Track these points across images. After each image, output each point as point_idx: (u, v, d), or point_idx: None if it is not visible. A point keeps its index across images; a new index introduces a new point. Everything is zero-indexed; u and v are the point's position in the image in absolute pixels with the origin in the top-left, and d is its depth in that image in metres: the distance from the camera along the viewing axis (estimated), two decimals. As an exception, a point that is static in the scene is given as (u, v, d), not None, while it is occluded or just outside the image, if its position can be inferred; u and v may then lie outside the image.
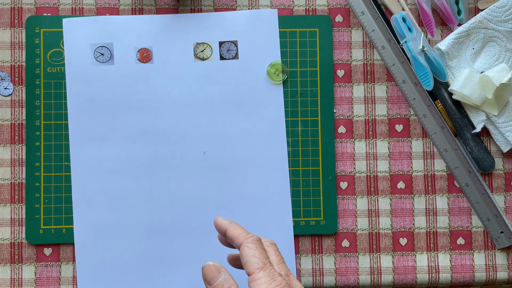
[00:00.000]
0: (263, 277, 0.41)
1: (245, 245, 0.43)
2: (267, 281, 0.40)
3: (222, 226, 0.46)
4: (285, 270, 0.43)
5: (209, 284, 0.42)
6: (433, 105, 0.59)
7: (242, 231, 0.44)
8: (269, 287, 0.40)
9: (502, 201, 0.60)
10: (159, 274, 0.57)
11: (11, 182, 0.58)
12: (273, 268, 0.41)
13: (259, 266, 0.41)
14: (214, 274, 0.42)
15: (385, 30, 0.59)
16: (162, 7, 0.60)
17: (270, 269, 0.41)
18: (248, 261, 0.42)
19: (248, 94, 0.59)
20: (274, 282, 0.40)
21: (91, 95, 0.58)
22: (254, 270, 0.41)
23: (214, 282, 0.42)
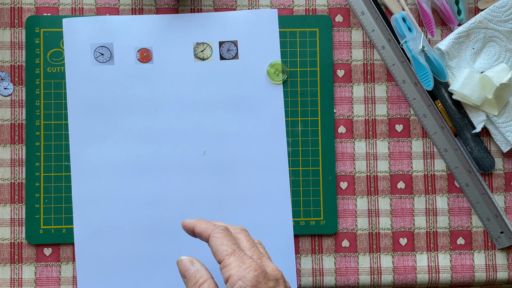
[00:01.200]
0: (233, 261, 0.41)
1: (213, 236, 0.43)
2: (237, 265, 0.41)
3: (189, 226, 0.47)
4: (257, 253, 0.44)
5: (184, 277, 0.44)
6: (433, 105, 0.59)
7: (208, 225, 0.45)
8: (240, 270, 0.40)
9: (502, 201, 0.60)
10: (159, 274, 0.57)
11: (11, 182, 0.58)
12: (242, 252, 0.42)
13: (228, 253, 0.42)
14: (187, 267, 0.44)
15: (385, 30, 0.59)
16: (162, 7, 0.60)
17: (239, 253, 0.42)
18: (217, 250, 0.42)
19: (248, 94, 0.59)
20: (244, 265, 0.41)
21: (91, 95, 0.58)
22: (223, 257, 0.42)
23: (188, 274, 0.43)
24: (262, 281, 0.41)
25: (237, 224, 0.58)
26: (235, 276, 0.40)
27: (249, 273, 0.40)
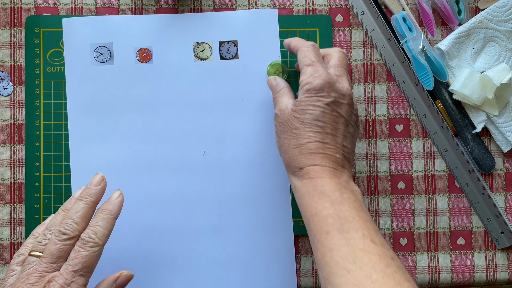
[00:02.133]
0: (309, 70, 0.47)
1: (300, 49, 0.50)
2: (310, 74, 0.47)
3: (286, 42, 0.54)
4: (339, 71, 0.49)
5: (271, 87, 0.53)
6: (434, 105, 0.59)
7: (300, 41, 0.51)
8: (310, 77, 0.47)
9: (502, 201, 0.60)
10: (159, 274, 0.57)
11: (10, 182, 0.58)
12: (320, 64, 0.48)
13: (307, 63, 0.48)
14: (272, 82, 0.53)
15: (385, 30, 0.59)
16: (162, 7, 0.60)
17: (317, 64, 0.48)
18: (300, 61, 0.49)
19: (248, 94, 0.59)
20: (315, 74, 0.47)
21: (91, 95, 0.58)
22: (302, 66, 0.48)
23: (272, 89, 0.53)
24: (326, 89, 0.46)
25: (237, 224, 0.58)
26: (304, 81, 0.47)
27: (316, 79, 0.46)
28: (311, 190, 0.44)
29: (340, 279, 0.38)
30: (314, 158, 0.45)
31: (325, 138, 0.46)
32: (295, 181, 0.46)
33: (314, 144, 0.45)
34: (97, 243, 0.43)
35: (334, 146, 0.46)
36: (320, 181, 0.44)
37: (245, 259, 0.57)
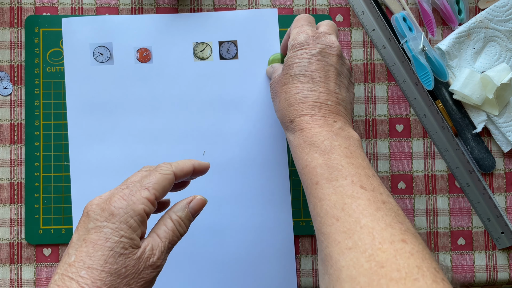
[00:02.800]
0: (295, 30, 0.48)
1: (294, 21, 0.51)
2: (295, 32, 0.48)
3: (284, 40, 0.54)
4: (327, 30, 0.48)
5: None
6: (434, 105, 0.59)
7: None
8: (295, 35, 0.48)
9: (502, 201, 0.60)
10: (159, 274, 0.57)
11: (10, 182, 0.58)
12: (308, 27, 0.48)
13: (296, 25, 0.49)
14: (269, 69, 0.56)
15: (385, 30, 0.59)
16: (162, 7, 0.60)
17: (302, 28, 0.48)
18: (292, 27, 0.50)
19: (248, 94, 0.59)
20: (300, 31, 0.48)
21: (90, 95, 0.58)
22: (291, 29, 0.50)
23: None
24: (311, 42, 0.46)
25: (237, 224, 0.57)
26: (290, 39, 0.48)
27: (300, 35, 0.47)
28: (302, 142, 0.43)
29: (330, 228, 0.37)
30: (304, 108, 0.44)
31: (314, 86, 0.45)
32: (289, 135, 0.46)
33: (302, 94, 0.45)
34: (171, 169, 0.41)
35: (325, 93, 0.45)
36: (310, 131, 0.43)
37: (245, 259, 0.57)
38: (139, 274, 0.37)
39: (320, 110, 0.44)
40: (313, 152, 0.42)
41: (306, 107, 0.44)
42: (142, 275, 0.37)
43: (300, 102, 0.45)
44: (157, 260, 0.38)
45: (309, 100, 0.44)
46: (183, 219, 0.40)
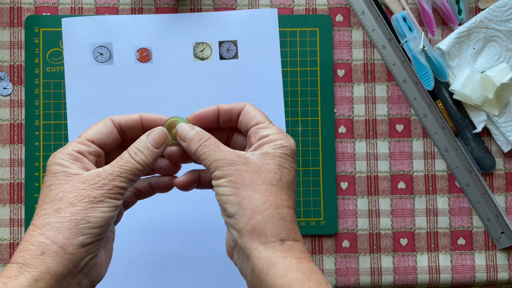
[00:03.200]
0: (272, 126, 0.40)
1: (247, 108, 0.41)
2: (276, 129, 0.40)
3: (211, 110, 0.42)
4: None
5: (185, 140, 0.40)
6: (434, 105, 0.59)
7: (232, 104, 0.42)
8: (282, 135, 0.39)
9: (503, 201, 0.60)
10: (159, 274, 0.57)
11: (10, 182, 0.58)
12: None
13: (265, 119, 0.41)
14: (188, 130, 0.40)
15: (385, 30, 0.59)
16: (162, 7, 0.60)
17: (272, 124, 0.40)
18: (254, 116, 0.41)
19: (248, 94, 0.58)
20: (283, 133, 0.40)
21: (90, 95, 0.58)
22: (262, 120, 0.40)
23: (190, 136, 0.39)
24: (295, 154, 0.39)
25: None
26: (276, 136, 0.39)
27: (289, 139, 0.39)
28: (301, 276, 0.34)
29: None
30: (294, 230, 0.37)
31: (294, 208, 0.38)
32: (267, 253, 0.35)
33: (291, 211, 0.37)
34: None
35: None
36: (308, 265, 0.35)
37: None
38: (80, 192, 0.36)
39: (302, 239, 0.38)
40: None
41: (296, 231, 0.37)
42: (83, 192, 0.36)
43: (292, 222, 0.37)
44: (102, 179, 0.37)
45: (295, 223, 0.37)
46: (139, 149, 0.38)
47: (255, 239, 0.35)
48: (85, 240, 0.35)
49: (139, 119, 0.41)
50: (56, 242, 0.35)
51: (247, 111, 0.40)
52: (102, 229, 0.36)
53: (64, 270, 0.35)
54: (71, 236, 0.35)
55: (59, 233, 0.35)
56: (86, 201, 0.36)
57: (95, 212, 0.36)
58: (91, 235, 0.35)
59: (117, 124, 0.40)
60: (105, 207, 0.36)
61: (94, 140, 0.39)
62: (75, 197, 0.36)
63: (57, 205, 0.36)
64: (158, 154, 0.39)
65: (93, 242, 0.36)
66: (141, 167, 0.38)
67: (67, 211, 0.35)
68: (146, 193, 0.43)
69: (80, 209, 0.35)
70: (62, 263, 0.34)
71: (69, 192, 0.36)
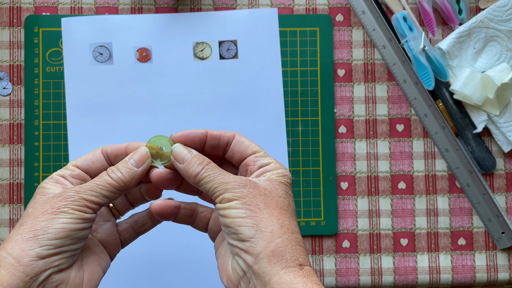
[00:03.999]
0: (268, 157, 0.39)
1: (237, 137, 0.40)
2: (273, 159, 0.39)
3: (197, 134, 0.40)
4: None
5: (182, 162, 0.38)
6: (434, 105, 0.59)
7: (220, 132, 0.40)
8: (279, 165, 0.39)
9: (503, 202, 0.60)
10: (158, 274, 0.57)
11: (9, 183, 0.58)
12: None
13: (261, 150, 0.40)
14: (185, 153, 0.38)
15: (385, 30, 0.59)
16: (162, 6, 0.60)
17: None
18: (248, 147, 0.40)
19: (248, 94, 0.58)
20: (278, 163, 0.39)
21: (90, 95, 0.58)
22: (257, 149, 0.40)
23: (188, 159, 0.38)
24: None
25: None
26: (275, 166, 0.38)
27: (287, 170, 0.39)
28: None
29: None
30: (307, 256, 0.36)
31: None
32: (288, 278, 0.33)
33: (301, 237, 0.37)
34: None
35: None
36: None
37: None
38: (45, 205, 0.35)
39: None
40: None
41: (307, 257, 0.36)
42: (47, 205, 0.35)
43: (304, 248, 0.36)
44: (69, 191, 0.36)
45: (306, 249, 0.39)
46: (118, 167, 0.38)
47: (274, 263, 0.34)
48: (43, 252, 0.33)
49: (125, 148, 0.40)
50: (11, 254, 0.33)
51: (240, 140, 0.40)
52: (63, 241, 0.34)
53: (19, 283, 0.33)
54: (27, 247, 0.33)
55: (16, 245, 0.34)
56: (48, 213, 0.35)
57: (55, 222, 0.34)
58: (50, 246, 0.34)
59: (105, 152, 0.40)
60: (67, 218, 0.34)
61: (79, 165, 0.39)
62: (40, 210, 0.35)
63: (23, 220, 0.35)
64: (138, 173, 0.38)
65: (53, 255, 0.34)
66: (116, 183, 0.37)
67: (28, 223, 0.34)
68: (144, 224, 0.42)
69: (41, 221, 0.34)
70: (16, 276, 0.33)
71: (36, 207, 0.35)
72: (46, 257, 0.34)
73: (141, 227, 0.42)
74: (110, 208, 0.41)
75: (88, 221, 0.36)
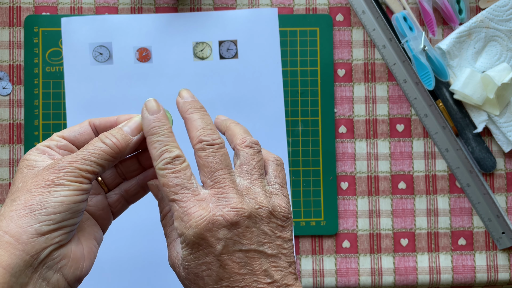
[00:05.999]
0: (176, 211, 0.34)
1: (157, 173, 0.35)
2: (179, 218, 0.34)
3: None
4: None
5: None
6: (434, 104, 0.59)
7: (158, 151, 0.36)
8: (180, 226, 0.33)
9: (503, 202, 0.60)
10: (158, 274, 0.57)
11: (9, 183, 0.58)
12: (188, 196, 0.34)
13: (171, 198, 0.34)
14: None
15: (386, 29, 0.59)
16: (162, 6, 0.60)
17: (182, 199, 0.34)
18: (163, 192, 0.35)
19: (248, 94, 0.58)
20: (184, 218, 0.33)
21: (89, 95, 0.58)
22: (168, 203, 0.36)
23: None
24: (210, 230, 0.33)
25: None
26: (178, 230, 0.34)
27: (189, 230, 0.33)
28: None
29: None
30: None
31: None
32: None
33: None
34: None
35: None
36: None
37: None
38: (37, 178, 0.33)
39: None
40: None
41: None
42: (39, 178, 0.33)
43: None
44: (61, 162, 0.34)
45: None
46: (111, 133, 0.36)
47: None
48: (42, 228, 0.31)
49: (115, 120, 0.39)
50: (8, 232, 0.31)
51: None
52: (63, 215, 0.32)
53: (19, 262, 0.31)
54: (25, 224, 0.31)
55: (12, 222, 0.31)
56: (42, 186, 0.32)
57: (52, 196, 0.32)
58: (49, 221, 0.32)
59: (92, 124, 0.39)
60: (64, 190, 0.32)
61: (65, 136, 0.37)
62: (32, 184, 0.33)
63: (14, 195, 0.33)
64: (133, 142, 0.37)
65: (53, 230, 0.32)
66: (111, 150, 0.35)
67: (21, 198, 0.32)
68: (136, 193, 0.41)
69: (36, 195, 0.32)
70: (16, 254, 0.31)
71: (27, 181, 0.33)
72: (46, 233, 0.32)
73: (133, 196, 0.41)
74: (99, 182, 0.39)
75: (86, 192, 0.34)
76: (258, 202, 0.34)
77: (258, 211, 0.34)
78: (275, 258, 0.34)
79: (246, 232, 0.33)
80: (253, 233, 0.33)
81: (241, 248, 0.33)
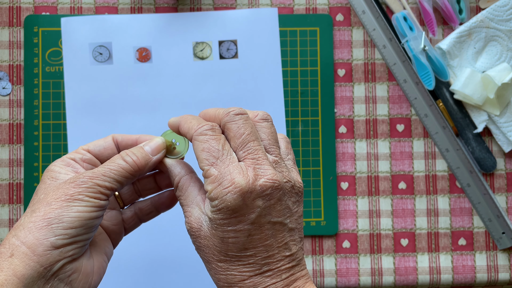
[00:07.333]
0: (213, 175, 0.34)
1: (194, 139, 0.35)
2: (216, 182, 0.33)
3: (174, 124, 0.38)
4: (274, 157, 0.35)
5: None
6: (435, 104, 0.59)
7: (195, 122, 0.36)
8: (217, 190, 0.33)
9: (503, 202, 0.60)
10: (158, 274, 0.57)
11: (9, 183, 0.58)
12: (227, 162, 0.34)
13: (209, 163, 0.34)
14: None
15: (386, 29, 0.59)
16: (162, 6, 0.60)
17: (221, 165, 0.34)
18: (198, 158, 0.35)
19: (247, 94, 0.58)
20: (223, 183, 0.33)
21: (89, 95, 0.58)
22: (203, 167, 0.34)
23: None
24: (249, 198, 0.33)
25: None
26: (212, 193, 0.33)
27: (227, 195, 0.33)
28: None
29: None
30: None
31: None
32: None
33: None
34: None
35: None
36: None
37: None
38: (58, 191, 0.34)
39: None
40: None
41: None
42: (60, 191, 0.34)
43: None
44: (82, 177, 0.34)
45: None
46: (132, 151, 0.37)
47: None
48: (57, 241, 0.33)
49: (137, 138, 0.40)
50: (25, 243, 0.32)
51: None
52: (79, 230, 0.33)
53: (33, 273, 0.32)
54: (41, 236, 0.32)
55: (30, 234, 0.32)
56: (62, 200, 0.33)
57: (70, 211, 0.33)
58: (65, 236, 0.33)
59: (115, 140, 0.40)
60: (82, 206, 0.33)
61: (90, 150, 0.38)
62: (53, 197, 0.34)
63: (35, 206, 0.34)
64: (152, 161, 0.37)
65: (68, 244, 0.33)
66: (130, 167, 0.36)
67: (41, 210, 0.33)
68: (149, 213, 0.42)
69: (55, 208, 0.33)
70: (30, 266, 0.32)
71: (48, 193, 0.34)
72: (60, 246, 0.33)
73: (146, 215, 0.42)
74: (116, 197, 0.40)
75: (102, 209, 0.35)
76: (285, 176, 0.35)
77: (285, 184, 0.34)
78: (293, 232, 0.35)
79: (276, 204, 0.34)
80: (282, 205, 0.34)
81: (270, 220, 0.34)
